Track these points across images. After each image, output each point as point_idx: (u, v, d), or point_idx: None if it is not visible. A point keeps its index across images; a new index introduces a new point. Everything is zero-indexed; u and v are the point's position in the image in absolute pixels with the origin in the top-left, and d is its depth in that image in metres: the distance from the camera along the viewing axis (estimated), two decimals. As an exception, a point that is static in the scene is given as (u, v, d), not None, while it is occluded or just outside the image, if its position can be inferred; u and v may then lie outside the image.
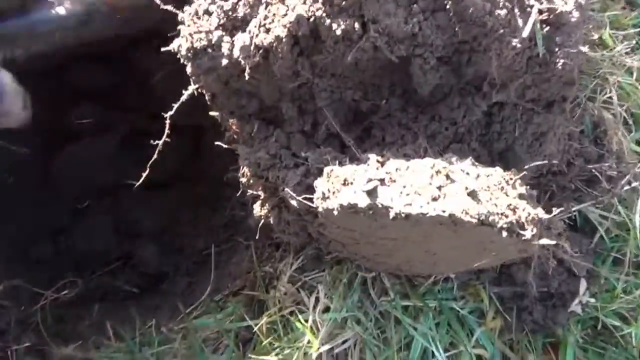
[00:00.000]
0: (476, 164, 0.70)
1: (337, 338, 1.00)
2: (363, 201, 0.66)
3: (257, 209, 0.96)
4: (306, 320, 1.01)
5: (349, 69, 0.75)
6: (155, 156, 0.85)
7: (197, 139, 1.49)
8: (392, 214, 0.64)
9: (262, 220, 0.94)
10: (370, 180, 0.67)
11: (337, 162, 0.75)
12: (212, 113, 0.88)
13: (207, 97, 0.83)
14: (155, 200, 1.43)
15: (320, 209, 0.71)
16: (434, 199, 0.64)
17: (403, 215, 0.63)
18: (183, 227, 1.40)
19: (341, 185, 0.69)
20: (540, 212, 0.67)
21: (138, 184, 0.99)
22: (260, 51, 0.73)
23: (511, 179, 0.69)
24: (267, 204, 0.95)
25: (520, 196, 0.68)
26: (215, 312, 1.14)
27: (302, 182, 0.77)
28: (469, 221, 0.62)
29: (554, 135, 0.88)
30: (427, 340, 0.99)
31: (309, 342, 0.99)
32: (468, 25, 0.71)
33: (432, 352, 0.98)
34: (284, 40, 0.71)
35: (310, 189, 0.78)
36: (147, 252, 1.37)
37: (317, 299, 1.04)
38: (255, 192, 0.97)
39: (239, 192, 1.23)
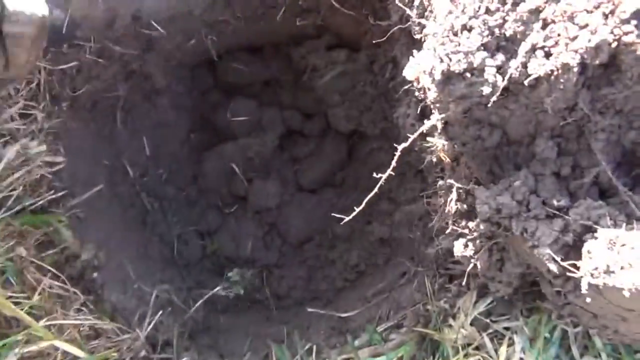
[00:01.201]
0: None
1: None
2: (680, 289, 0.51)
3: (459, 249, 0.84)
4: (495, 373, 0.89)
5: (642, 107, 0.60)
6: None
7: (352, 145, 1.37)
8: None
9: (470, 265, 0.81)
10: (685, 261, 0.52)
11: (610, 220, 0.61)
12: (433, 140, 0.76)
13: (438, 125, 0.70)
14: (304, 206, 1.35)
15: (599, 284, 0.57)
16: None
17: None
18: (335, 238, 1.31)
19: (637, 261, 0.55)
20: None
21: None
22: (531, 77, 0.59)
23: None
24: (472, 245, 0.82)
25: None
26: (379, 344, 1.04)
27: (558, 240, 0.63)
28: None
29: None
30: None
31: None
32: None
33: None
34: (573, 69, 0.56)
35: (565, 249, 0.64)
36: (293, 263, 1.29)
37: (507, 351, 0.92)
38: (457, 229, 0.85)
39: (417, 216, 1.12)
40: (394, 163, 0.69)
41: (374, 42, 0.94)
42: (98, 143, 1.14)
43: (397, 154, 0.68)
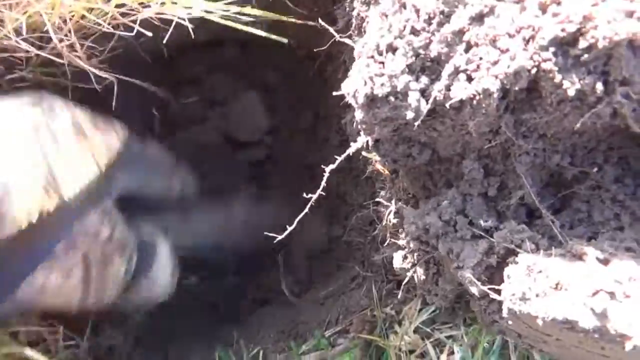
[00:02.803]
0: None
1: (472, 409, 0.88)
2: (587, 321, 0.51)
3: (398, 260, 0.83)
4: (437, 384, 0.89)
5: (565, 132, 0.59)
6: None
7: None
8: (630, 346, 0.49)
9: (408, 277, 0.81)
10: (596, 292, 0.52)
11: (532, 244, 0.61)
12: (366, 154, 0.75)
13: (369, 142, 0.69)
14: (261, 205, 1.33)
15: (515, 310, 0.57)
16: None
17: (650, 352, 0.48)
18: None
19: (551, 289, 0.55)
20: None
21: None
22: (453, 101, 0.58)
23: None
24: (410, 258, 0.82)
25: None
26: (326, 349, 1.05)
27: (482, 262, 0.63)
28: None
29: None
30: None
31: (441, 410, 0.87)
32: None
33: None
34: (493, 95, 0.55)
35: (490, 270, 0.64)
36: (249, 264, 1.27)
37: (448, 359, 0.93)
38: (395, 241, 0.84)
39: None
40: (323, 183, 0.68)
41: (315, 50, 0.92)
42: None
43: (326, 174, 0.67)
